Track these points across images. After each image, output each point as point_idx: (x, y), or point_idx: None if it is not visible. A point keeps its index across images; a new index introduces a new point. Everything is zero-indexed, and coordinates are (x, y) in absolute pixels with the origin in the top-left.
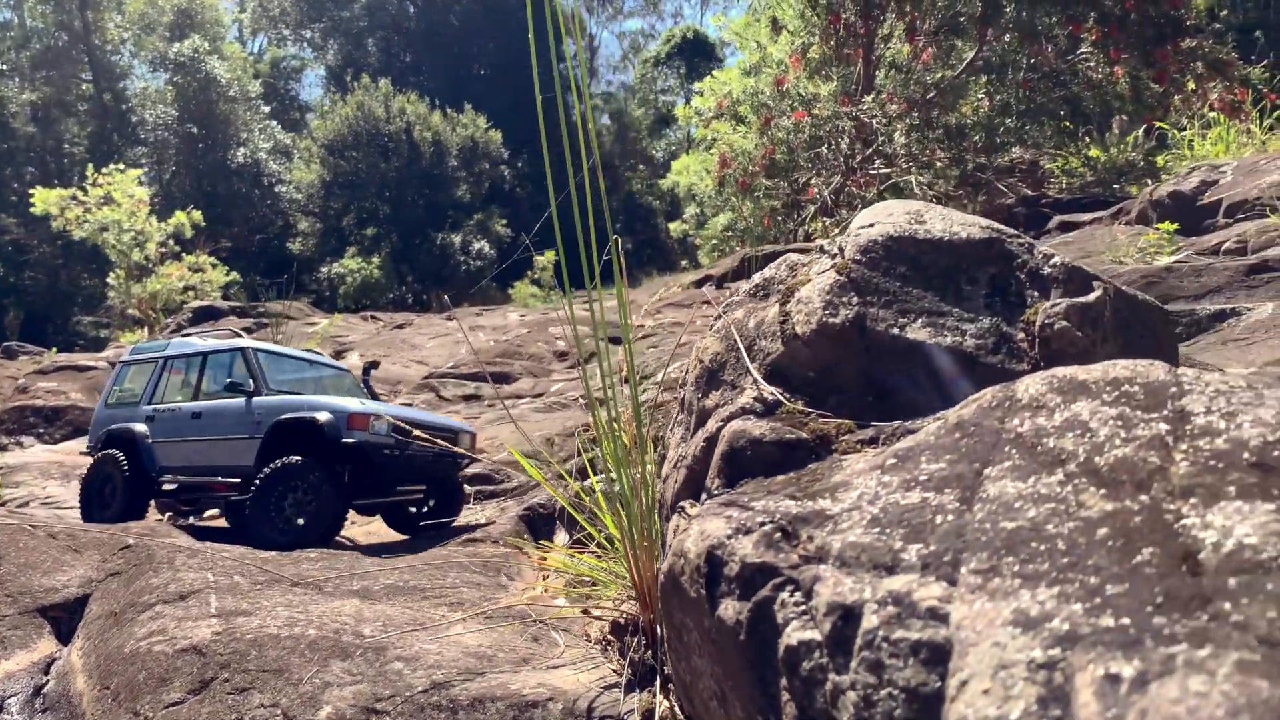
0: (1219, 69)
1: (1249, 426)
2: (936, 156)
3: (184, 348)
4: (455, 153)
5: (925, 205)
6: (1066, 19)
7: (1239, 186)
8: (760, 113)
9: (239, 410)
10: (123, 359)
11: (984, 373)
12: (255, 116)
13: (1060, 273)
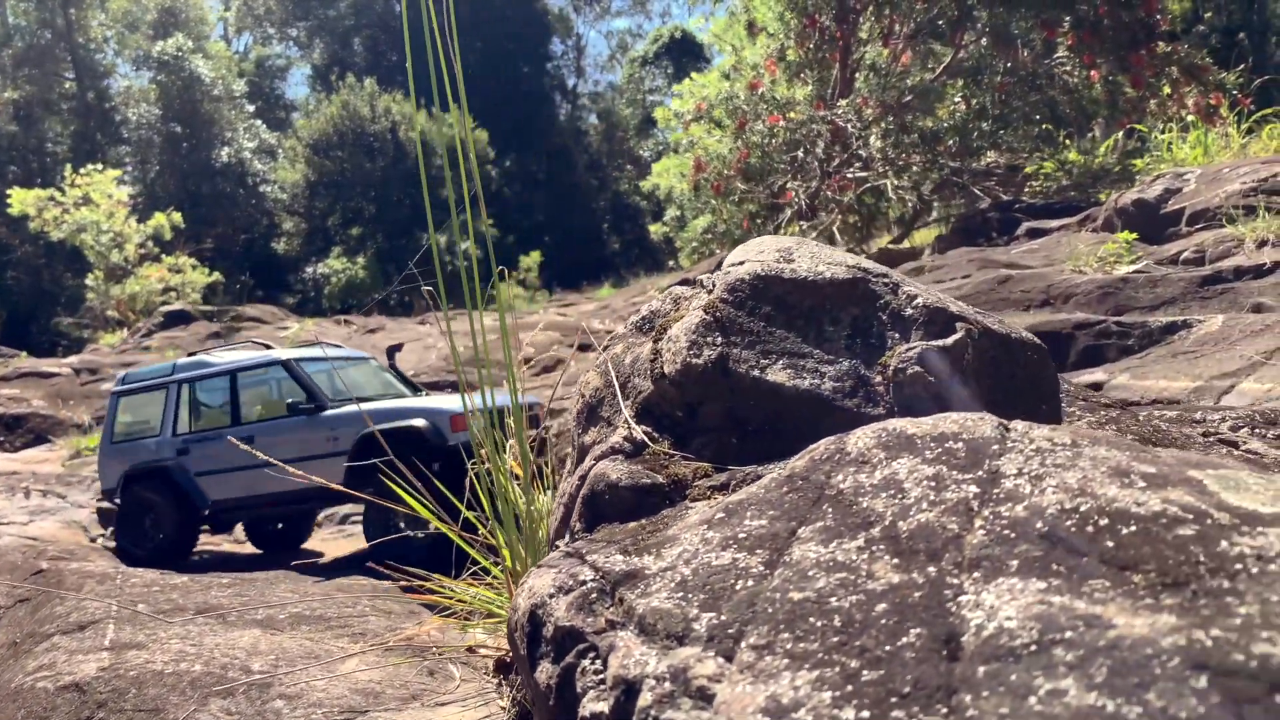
0: (1194, 74)
1: (1051, 492)
2: (912, 160)
3: (199, 368)
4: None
5: (799, 242)
6: (1040, 24)
7: (1201, 195)
8: (735, 116)
9: (305, 428)
10: (117, 388)
11: (841, 417)
12: (240, 116)
13: (922, 314)
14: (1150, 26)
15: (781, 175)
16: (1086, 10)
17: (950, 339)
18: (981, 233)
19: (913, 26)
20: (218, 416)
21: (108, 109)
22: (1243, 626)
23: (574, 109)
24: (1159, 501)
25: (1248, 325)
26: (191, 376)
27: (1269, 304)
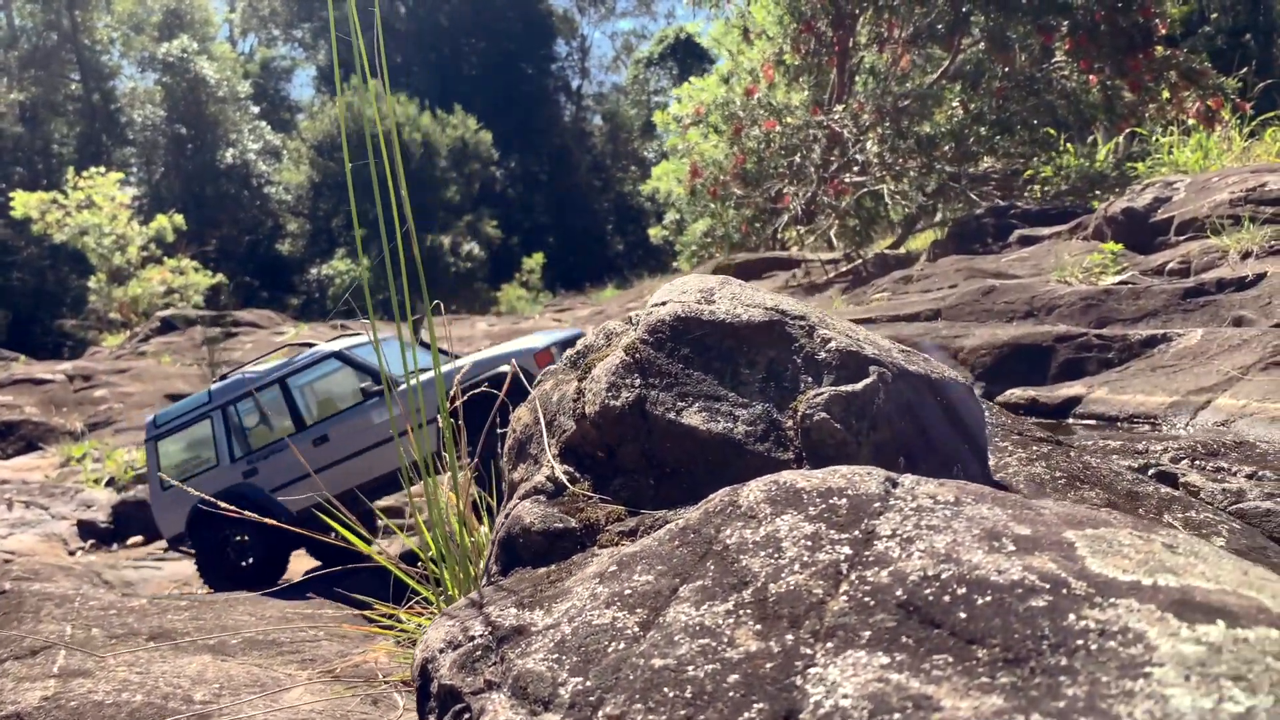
0: (1193, 78)
1: (918, 557)
2: (909, 165)
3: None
4: (445, 153)
5: (724, 282)
6: (1037, 28)
7: (1190, 204)
8: (731, 122)
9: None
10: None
11: (753, 461)
12: (244, 117)
13: (834, 358)
14: (1148, 31)
15: (778, 180)
16: (1083, 15)
17: (860, 384)
18: (977, 238)
19: (910, 31)
20: (278, 427)
21: (113, 110)
22: (1065, 711)
23: (578, 110)
24: (1020, 569)
25: (1225, 340)
26: (236, 396)
27: (1249, 317)
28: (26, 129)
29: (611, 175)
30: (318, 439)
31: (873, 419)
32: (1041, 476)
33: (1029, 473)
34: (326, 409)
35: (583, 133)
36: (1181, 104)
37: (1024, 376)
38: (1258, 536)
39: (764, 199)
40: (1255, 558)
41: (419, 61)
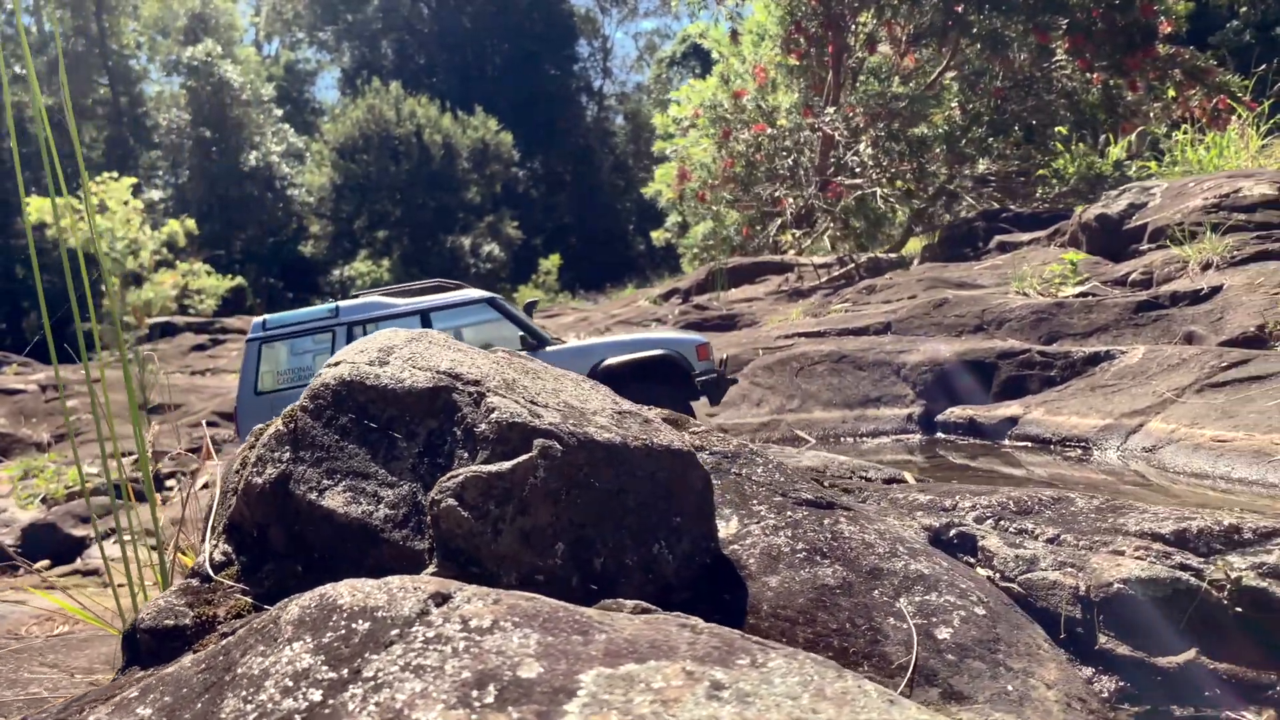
0: (1197, 76)
1: (365, 715)
2: (903, 169)
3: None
4: (466, 155)
5: (415, 338)
6: (1034, 28)
7: (1164, 210)
8: (719, 125)
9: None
10: (256, 335)
11: (389, 550)
12: (268, 120)
13: (493, 431)
14: (1148, 29)
15: (770, 184)
16: (1081, 14)
17: (508, 464)
18: (967, 242)
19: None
20: None
21: (139, 114)
22: None
23: (600, 110)
24: None
25: (1166, 359)
26: (370, 318)
27: (1200, 333)
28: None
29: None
30: None
31: (522, 502)
32: (780, 549)
33: (768, 544)
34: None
35: (605, 133)
36: (1187, 103)
37: (966, 394)
38: (993, 623)
39: (760, 202)
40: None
41: (441, 63)
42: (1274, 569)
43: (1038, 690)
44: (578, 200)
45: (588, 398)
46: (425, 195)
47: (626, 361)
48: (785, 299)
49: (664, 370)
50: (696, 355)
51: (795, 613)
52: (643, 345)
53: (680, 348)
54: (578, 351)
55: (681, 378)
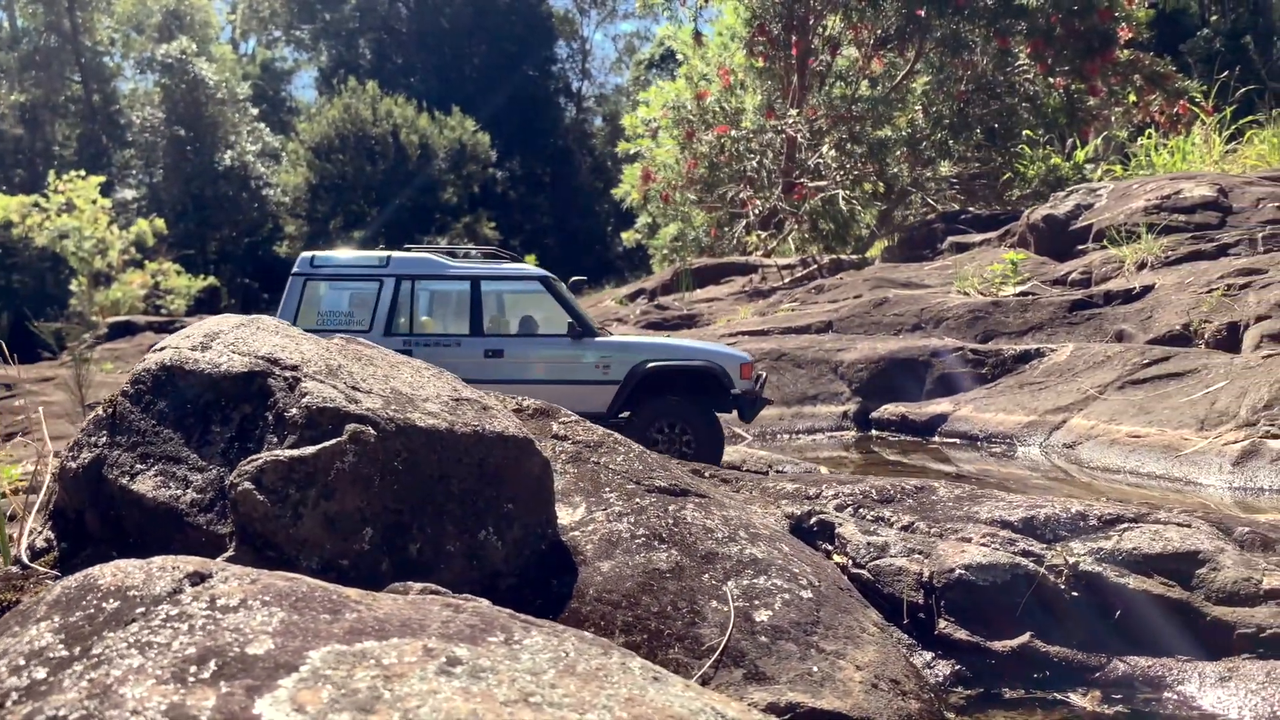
0: (1157, 82)
1: (75, 691)
2: (867, 171)
3: (428, 266)
4: (443, 155)
5: (244, 323)
6: (994, 32)
7: (1109, 211)
8: (682, 126)
9: (569, 351)
10: (302, 270)
11: (194, 534)
12: (244, 119)
13: (303, 416)
14: (1107, 35)
15: (735, 185)
16: (1040, 19)
17: (313, 448)
18: (926, 243)
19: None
20: (450, 322)
21: (113, 112)
22: None
23: (579, 112)
24: (170, 713)
25: (1092, 356)
26: (419, 274)
27: (1130, 331)
28: (27, 131)
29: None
30: (491, 351)
31: (327, 487)
32: (620, 535)
33: (609, 530)
34: (508, 326)
35: (584, 134)
36: (1148, 107)
37: (900, 391)
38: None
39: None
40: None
41: (420, 63)
42: (1110, 554)
43: (845, 672)
44: (556, 201)
45: (423, 385)
46: (402, 195)
47: (668, 366)
48: (746, 299)
49: (704, 381)
50: (739, 373)
51: (620, 597)
52: (688, 353)
53: (725, 362)
54: (621, 347)
55: (719, 392)
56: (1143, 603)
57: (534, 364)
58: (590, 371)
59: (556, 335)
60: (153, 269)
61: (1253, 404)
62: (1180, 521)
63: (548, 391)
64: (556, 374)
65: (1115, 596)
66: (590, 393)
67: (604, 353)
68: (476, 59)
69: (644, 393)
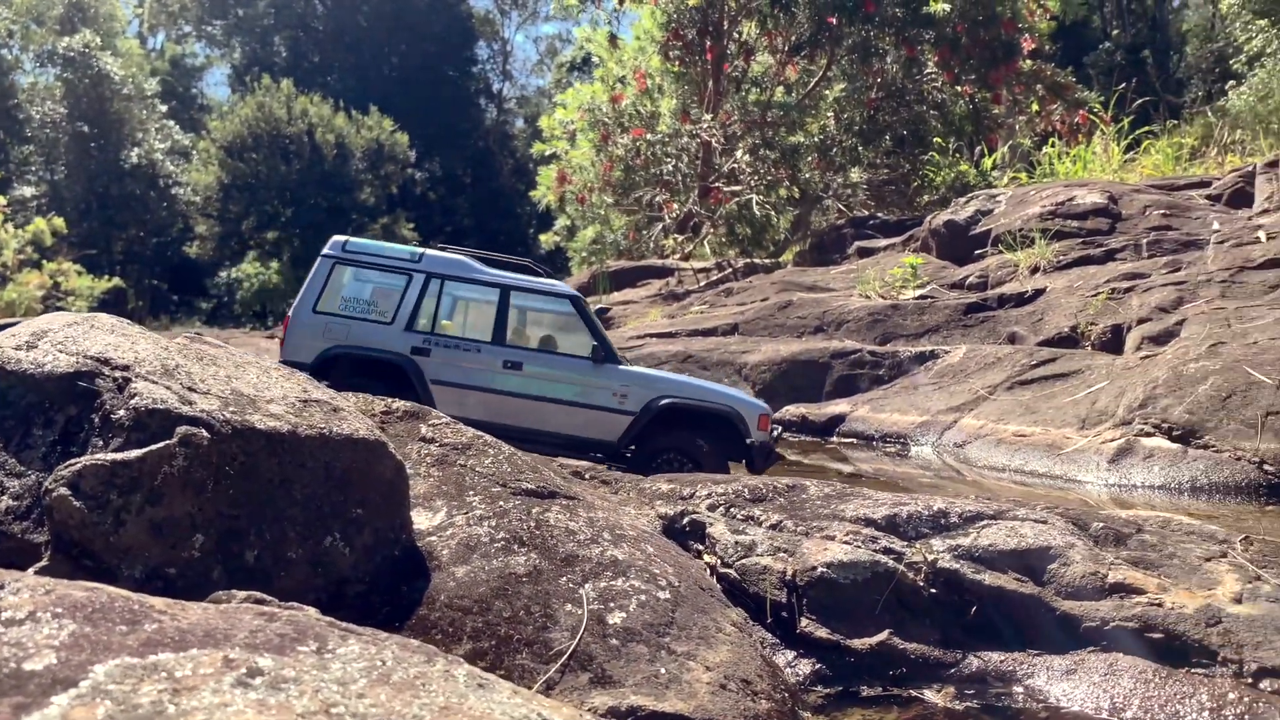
0: (1058, 92)
1: None
2: (780, 176)
3: (460, 268)
4: (360, 155)
5: (75, 321)
6: (902, 41)
7: (1007, 217)
8: (597, 128)
9: (589, 374)
10: (332, 253)
11: (8, 544)
12: (151, 116)
13: (131, 418)
14: (1011, 45)
15: (651, 189)
16: (947, 28)
17: (137, 452)
18: (836, 248)
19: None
20: (473, 327)
21: (10, 107)
22: None
23: (500, 113)
24: None
25: (983, 358)
26: (449, 275)
27: (1021, 333)
28: None
29: (534, 179)
30: (510, 362)
31: (153, 492)
32: (479, 539)
33: (469, 534)
34: (531, 340)
35: (506, 136)
36: (1049, 117)
37: (801, 392)
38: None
39: (645, 207)
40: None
41: (337, 62)
42: (968, 551)
43: (693, 673)
44: (477, 203)
45: (269, 386)
46: (317, 195)
47: (687, 405)
48: (661, 302)
49: (720, 425)
50: (757, 423)
51: (472, 602)
52: (710, 395)
53: (744, 409)
54: (643, 378)
55: (735, 439)
56: (997, 598)
57: (551, 382)
58: (607, 398)
59: (579, 356)
60: (51, 269)
61: (1129, 403)
62: (1037, 518)
63: (560, 412)
64: (572, 395)
65: (972, 592)
66: (604, 420)
67: (624, 382)
68: (395, 58)
69: (657, 427)
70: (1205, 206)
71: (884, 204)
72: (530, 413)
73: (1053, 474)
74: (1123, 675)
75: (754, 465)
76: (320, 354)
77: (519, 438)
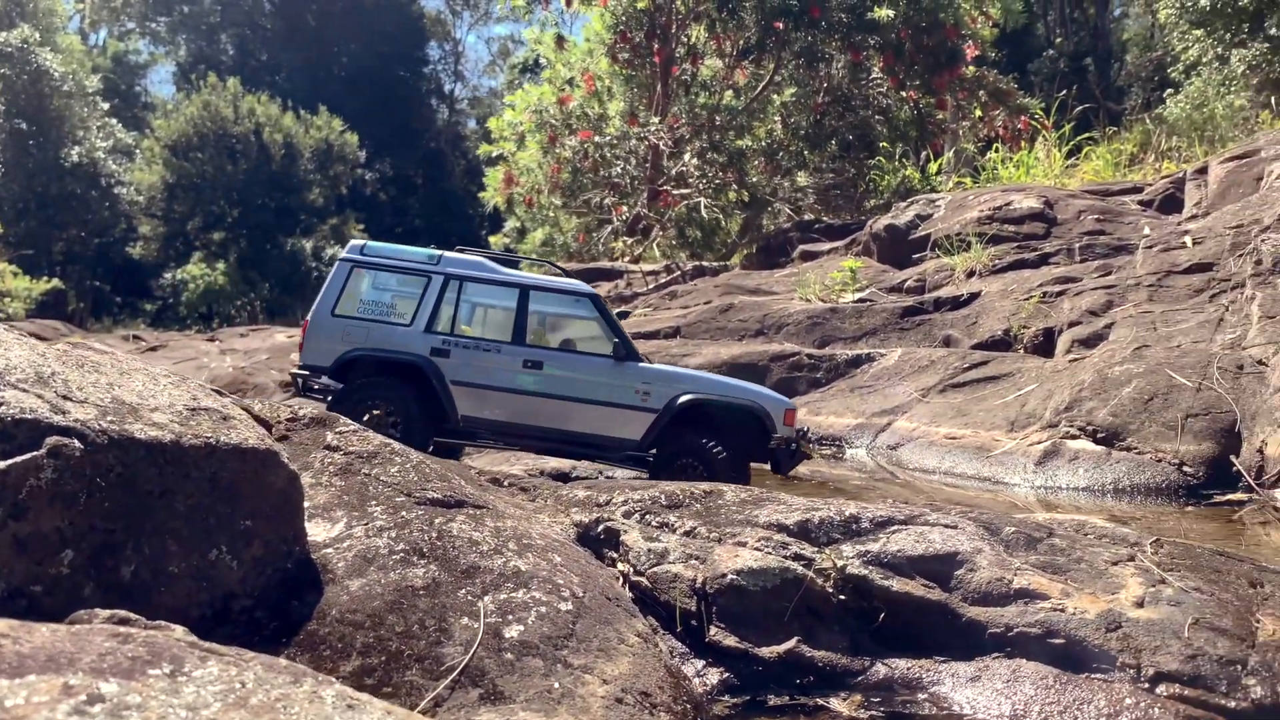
0: (1000, 98)
1: None
2: (728, 179)
3: (479, 269)
4: (308, 155)
5: None
6: (848, 46)
7: (946, 221)
8: (545, 130)
9: (610, 373)
10: (351, 256)
11: None
12: (93, 113)
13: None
14: (954, 52)
15: (600, 191)
16: (891, 34)
17: (1, 464)
18: (782, 251)
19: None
20: (492, 327)
21: None
22: None
23: (452, 114)
24: None
25: (918, 361)
26: (469, 275)
27: (956, 336)
28: None
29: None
30: (530, 361)
31: (19, 506)
32: (378, 551)
33: (367, 546)
34: (550, 339)
35: (458, 136)
36: (992, 122)
37: None
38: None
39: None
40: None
41: (286, 61)
42: (877, 556)
43: (588, 687)
44: (428, 203)
45: (155, 394)
46: (264, 196)
47: (710, 401)
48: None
49: (745, 423)
50: (783, 418)
51: (364, 617)
52: (734, 391)
53: (770, 405)
54: (665, 375)
55: (760, 436)
56: (905, 605)
57: (572, 380)
58: (629, 396)
59: (599, 355)
60: None
61: (1056, 406)
62: (948, 523)
63: (582, 410)
64: (593, 394)
65: (880, 599)
66: (626, 418)
67: (646, 379)
68: (345, 58)
69: (678, 427)
70: (1137, 212)
71: (831, 208)
72: (552, 412)
73: (982, 476)
74: (1025, 681)
75: (780, 466)
76: (339, 357)
77: (541, 438)
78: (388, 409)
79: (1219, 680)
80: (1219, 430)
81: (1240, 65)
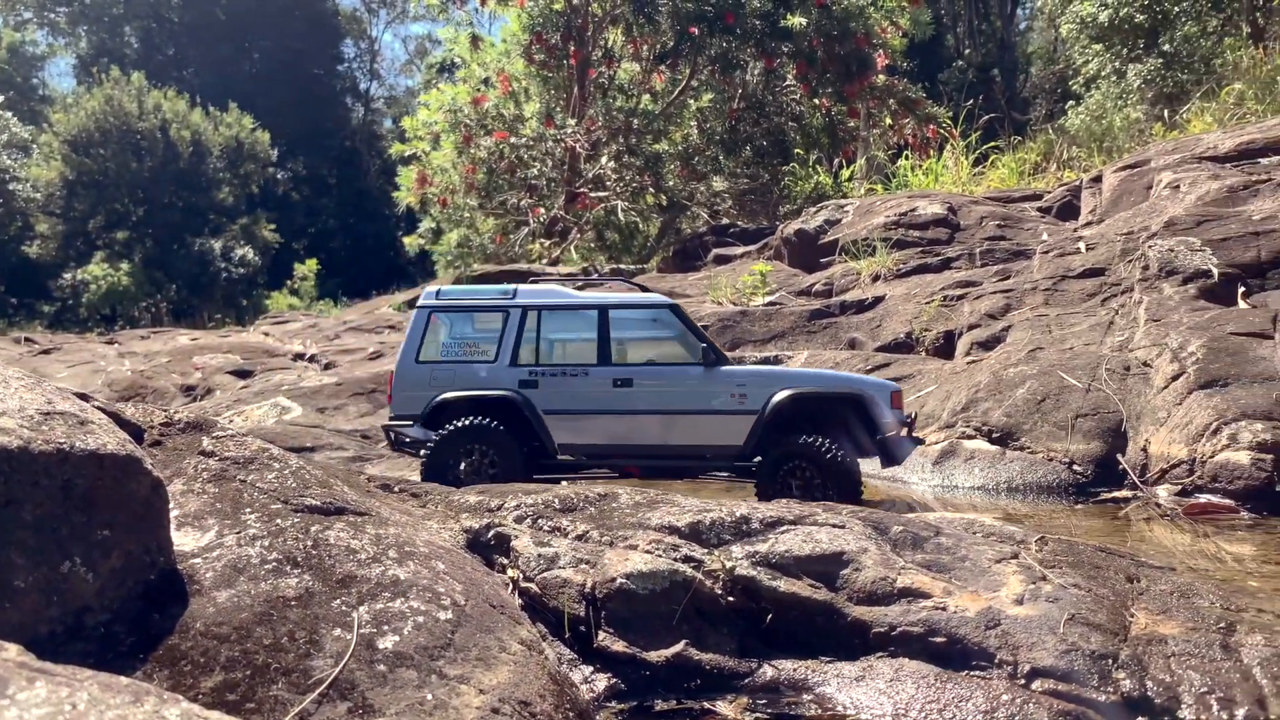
0: (909, 107)
1: None
2: (645, 183)
3: (553, 296)
4: (218, 153)
5: None
6: (762, 53)
7: (854, 226)
8: (459, 130)
9: (702, 380)
10: (429, 303)
11: None
12: None
13: None
14: (864, 60)
15: (516, 192)
16: (804, 42)
17: None
18: (697, 255)
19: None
20: (576, 352)
21: None
22: None
23: (368, 113)
24: None
25: (824, 362)
26: (545, 304)
27: (861, 339)
28: None
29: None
30: (620, 380)
31: None
32: (250, 560)
33: (238, 555)
34: (637, 355)
35: (373, 136)
36: (902, 130)
37: None
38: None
39: (511, 211)
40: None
41: (194, 57)
42: (766, 557)
43: (463, 698)
44: (343, 204)
45: (3, 398)
46: (171, 194)
47: (812, 394)
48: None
49: (851, 413)
50: (890, 402)
51: (231, 629)
52: (833, 381)
53: (875, 390)
54: (757, 375)
55: (866, 425)
56: (792, 605)
57: (665, 393)
58: (725, 400)
59: (688, 364)
60: None
61: (953, 407)
62: (835, 523)
63: (680, 423)
64: (689, 404)
65: (768, 600)
66: (726, 424)
67: (740, 380)
68: (257, 54)
69: (779, 431)
70: (1037, 218)
71: (748, 213)
72: (650, 428)
73: (883, 475)
74: (906, 680)
75: (893, 456)
76: (429, 402)
77: (642, 456)
78: (484, 450)
79: (1090, 675)
80: (1107, 430)
81: (1136, 79)
